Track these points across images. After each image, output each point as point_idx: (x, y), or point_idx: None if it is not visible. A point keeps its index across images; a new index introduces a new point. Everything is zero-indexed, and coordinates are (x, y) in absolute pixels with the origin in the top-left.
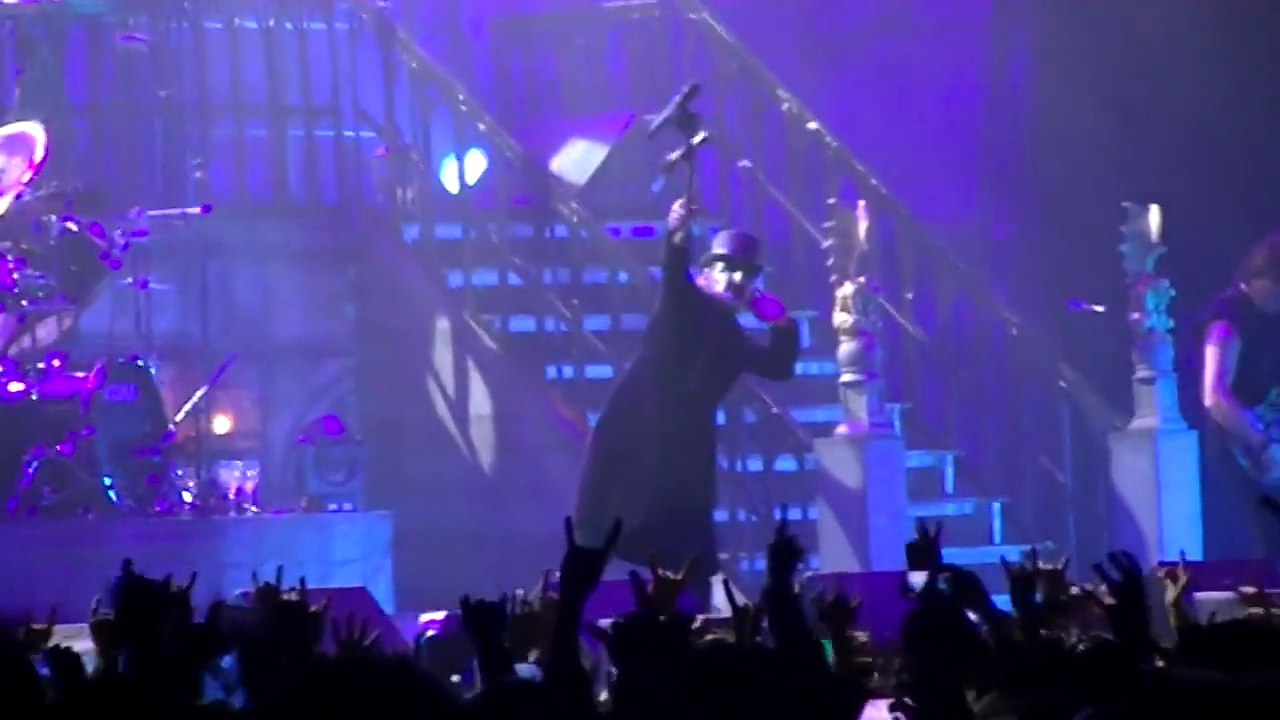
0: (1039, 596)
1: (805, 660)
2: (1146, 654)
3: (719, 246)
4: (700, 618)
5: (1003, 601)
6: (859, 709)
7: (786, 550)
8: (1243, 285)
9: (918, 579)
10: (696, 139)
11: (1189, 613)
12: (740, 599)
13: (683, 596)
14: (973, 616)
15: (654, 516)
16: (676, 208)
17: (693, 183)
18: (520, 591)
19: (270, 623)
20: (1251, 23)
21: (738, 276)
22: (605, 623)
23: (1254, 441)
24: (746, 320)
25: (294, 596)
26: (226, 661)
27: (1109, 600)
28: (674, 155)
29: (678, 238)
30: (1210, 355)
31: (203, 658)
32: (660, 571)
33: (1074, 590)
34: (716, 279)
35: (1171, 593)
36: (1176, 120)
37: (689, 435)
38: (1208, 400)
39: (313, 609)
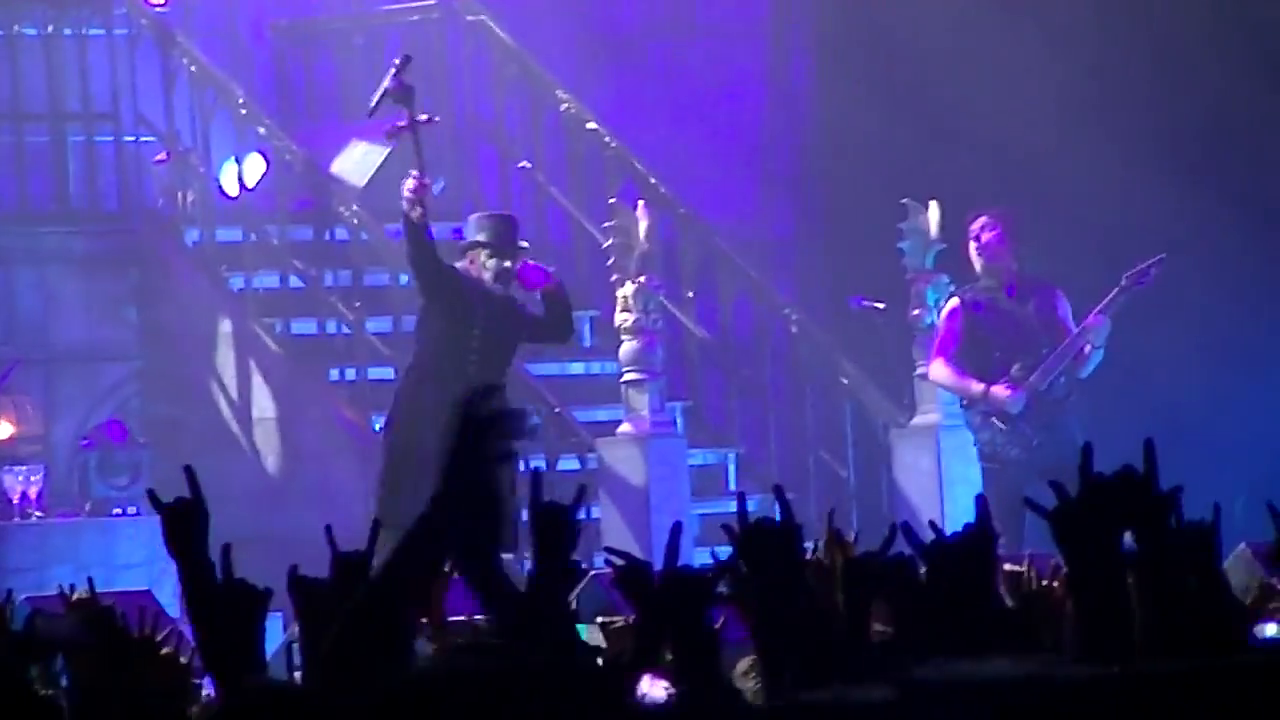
0: None
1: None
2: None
3: (477, 234)
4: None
5: None
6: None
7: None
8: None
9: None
10: (421, 116)
11: None
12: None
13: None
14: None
15: None
16: (408, 184)
17: (420, 154)
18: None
19: (87, 629)
20: (1026, 8)
21: (506, 263)
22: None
23: (975, 390)
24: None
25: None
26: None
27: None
28: (399, 123)
29: (415, 214)
30: (939, 330)
31: (23, 665)
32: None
33: None
34: (485, 267)
35: None
36: (956, 116)
37: None
38: (929, 369)
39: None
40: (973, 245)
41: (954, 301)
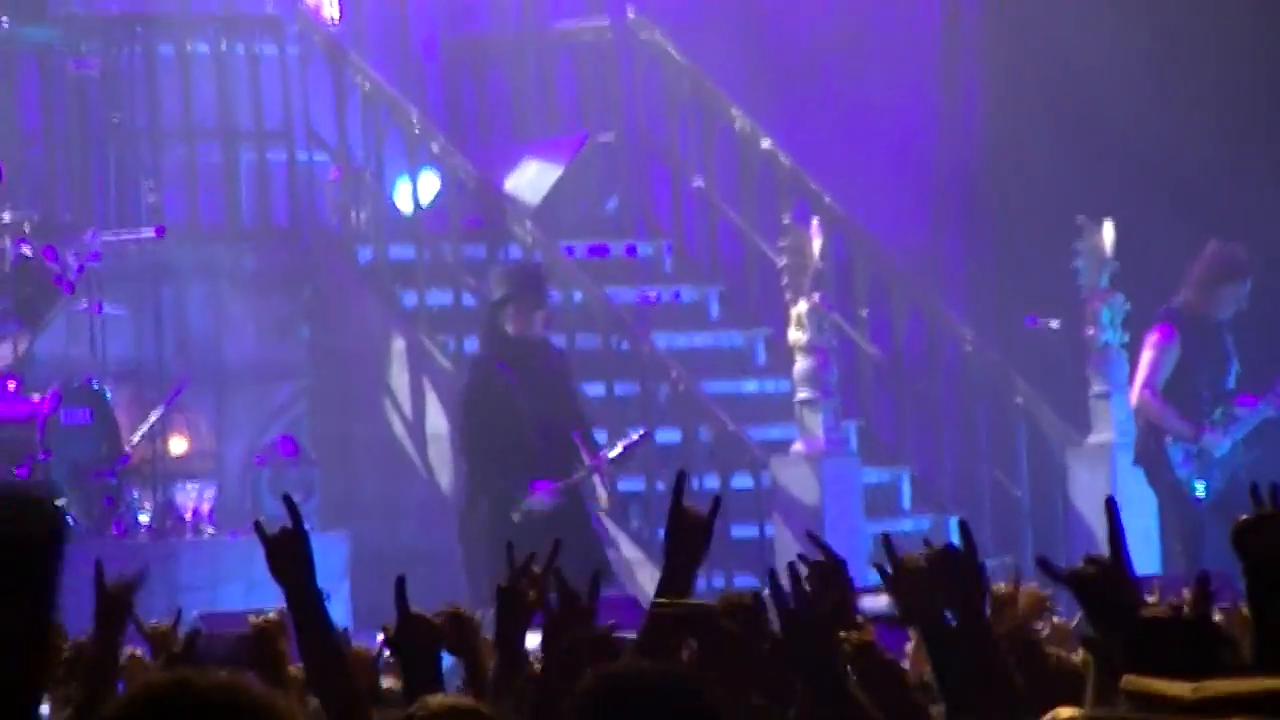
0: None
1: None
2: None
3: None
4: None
5: None
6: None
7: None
8: (1187, 293)
9: (869, 602)
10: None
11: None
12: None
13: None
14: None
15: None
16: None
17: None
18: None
19: (246, 649)
20: (1190, 43)
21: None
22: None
23: (1186, 431)
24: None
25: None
26: None
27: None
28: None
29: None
30: (1145, 356)
31: None
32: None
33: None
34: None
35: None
36: (1127, 138)
37: None
38: (1134, 398)
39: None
40: (1224, 276)
41: (1166, 327)
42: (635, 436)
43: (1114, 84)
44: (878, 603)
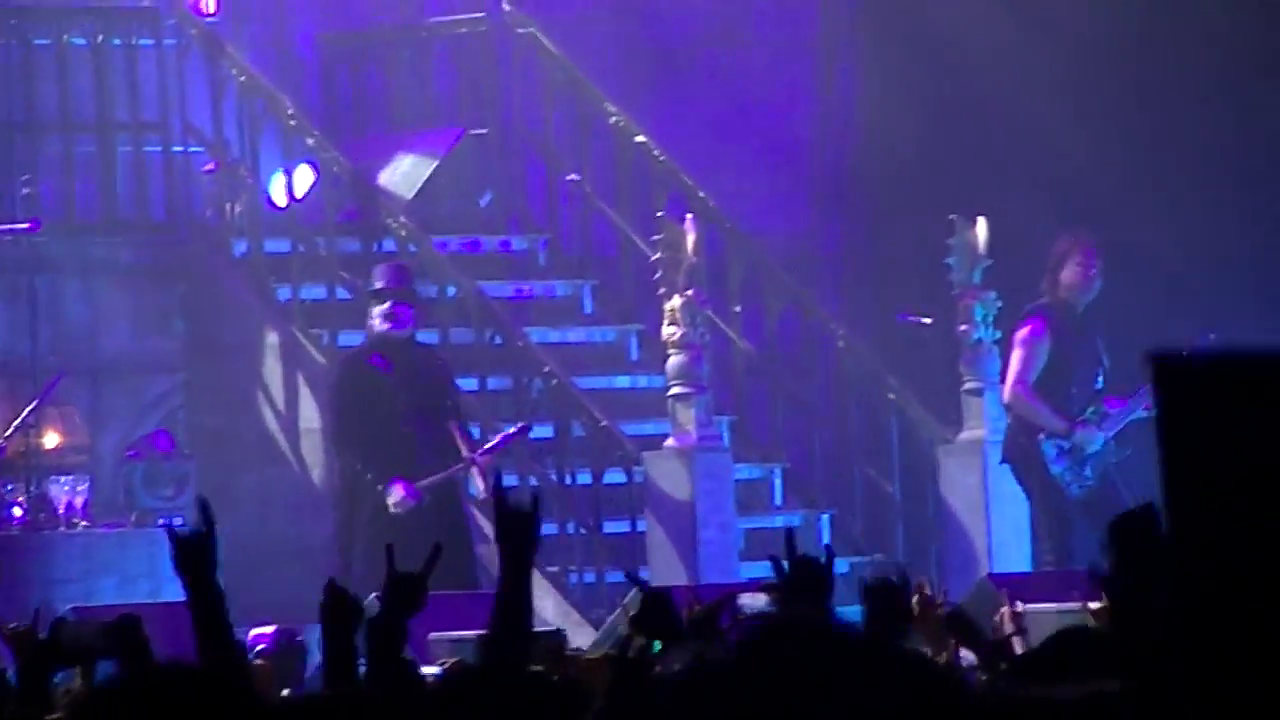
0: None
1: None
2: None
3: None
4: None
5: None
6: None
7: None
8: (1046, 288)
9: (749, 600)
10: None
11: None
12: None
13: None
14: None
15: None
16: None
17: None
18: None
19: (110, 639)
20: (1073, 32)
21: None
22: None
23: (1060, 426)
24: None
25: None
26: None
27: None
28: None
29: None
30: (1016, 353)
31: (48, 671)
32: None
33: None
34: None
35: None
36: (1002, 134)
37: None
38: (1006, 394)
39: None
40: (1078, 269)
41: (1037, 322)
42: (512, 430)
43: (991, 79)
44: (755, 601)
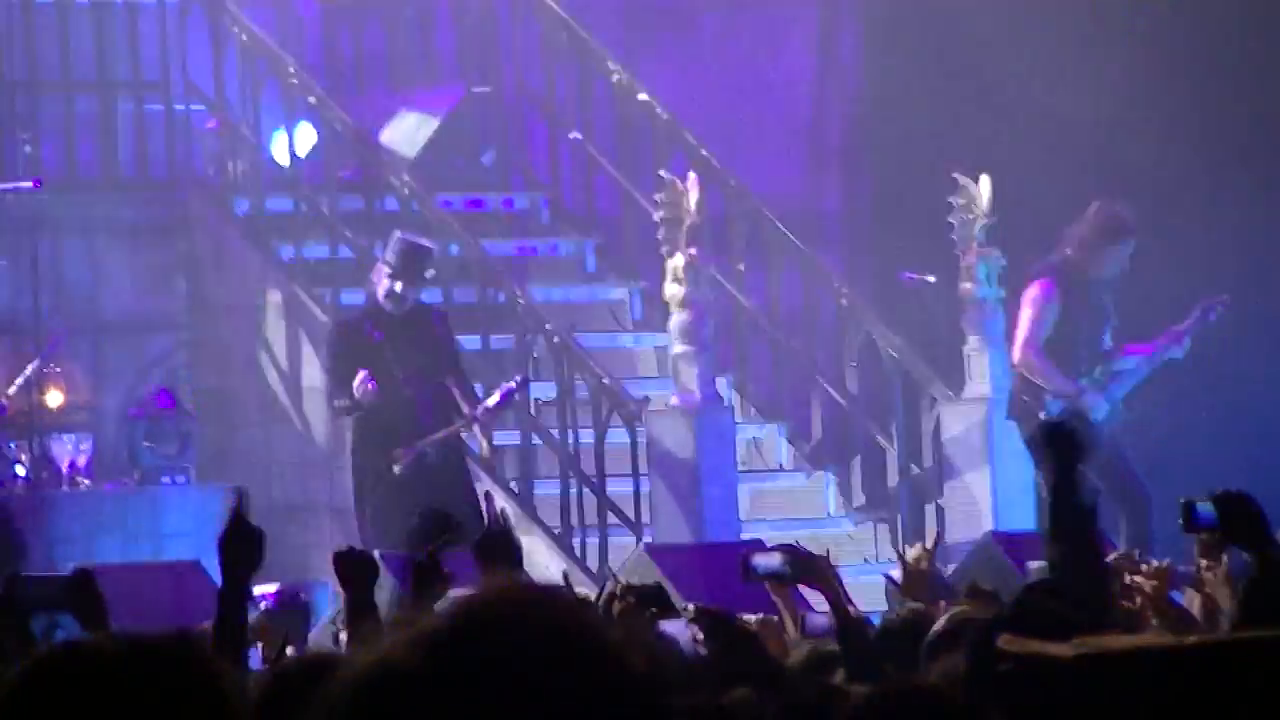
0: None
1: None
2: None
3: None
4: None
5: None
6: None
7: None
8: (1069, 251)
9: (762, 560)
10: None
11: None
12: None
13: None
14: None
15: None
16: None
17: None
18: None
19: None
20: None
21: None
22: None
23: (1068, 390)
24: None
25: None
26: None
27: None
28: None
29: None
30: (1025, 313)
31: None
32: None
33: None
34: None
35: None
36: (1006, 90)
37: None
38: (1015, 355)
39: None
40: (1114, 260)
41: (1046, 282)
42: (511, 384)
43: (992, 36)
44: (770, 560)
